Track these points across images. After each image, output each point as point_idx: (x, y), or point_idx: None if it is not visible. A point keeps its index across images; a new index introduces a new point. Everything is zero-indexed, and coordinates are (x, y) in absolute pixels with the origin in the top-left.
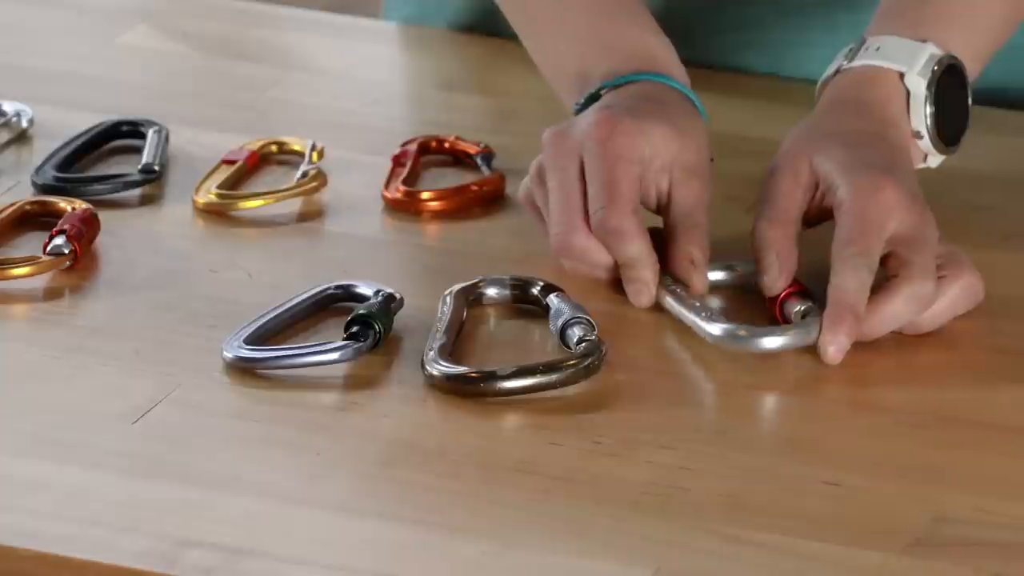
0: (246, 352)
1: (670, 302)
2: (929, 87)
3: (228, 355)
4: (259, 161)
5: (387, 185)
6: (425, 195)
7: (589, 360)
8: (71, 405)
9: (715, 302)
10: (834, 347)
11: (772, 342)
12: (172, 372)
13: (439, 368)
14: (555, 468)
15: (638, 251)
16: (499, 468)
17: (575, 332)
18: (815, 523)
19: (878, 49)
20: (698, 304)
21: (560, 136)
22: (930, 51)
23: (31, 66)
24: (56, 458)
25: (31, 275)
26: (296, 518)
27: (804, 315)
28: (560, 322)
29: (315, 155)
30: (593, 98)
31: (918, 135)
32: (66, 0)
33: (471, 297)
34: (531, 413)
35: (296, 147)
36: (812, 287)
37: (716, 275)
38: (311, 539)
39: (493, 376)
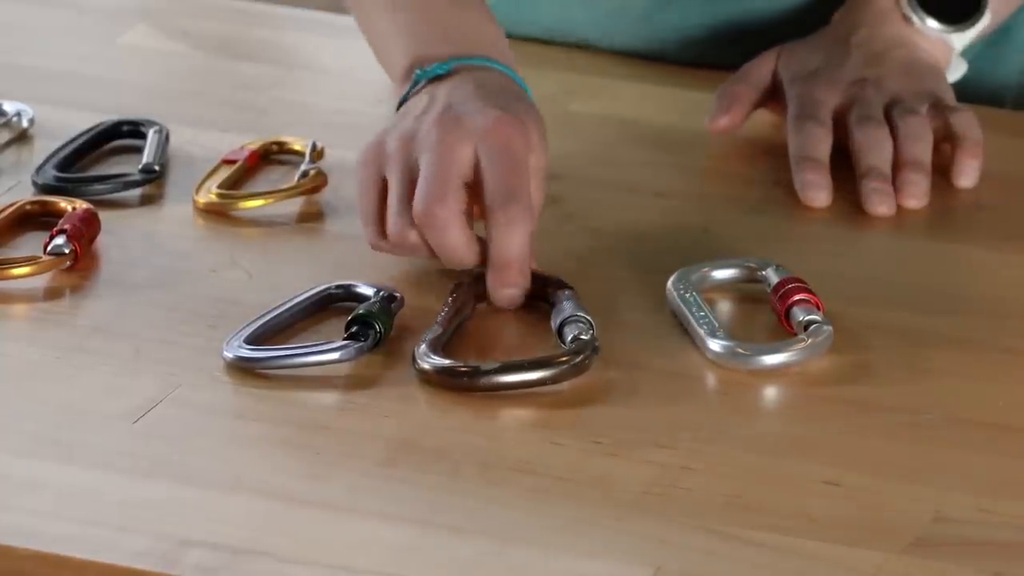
0: (246, 352)
1: (677, 307)
2: None
3: (228, 355)
4: (259, 161)
5: None
6: None
7: (579, 358)
8: (71, 405)
9: (722, 305)
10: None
11: (772, 359)
12: (172, 372)
13: (428, 361)
14: (555, 468)
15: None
16: (499, 468)
17: (570, 330)
18: (815, 523)
19: None
20: (703, 314)
21: (448, 127)
22: None
23: (31, 66)
24: (56, 458)
25: (31, 275)
26: (296, 518)
27: (808, 326)
28: (559, 320)
29: (315, 155)
30: (426, 78)
31: (907, 19)
32: (66, 0)
33: (481, 289)
34: (531, 413)
35: (296, 147)
36: (815, 287)
37: (722, 273)
38: (311, 539)
39: (478, 372)
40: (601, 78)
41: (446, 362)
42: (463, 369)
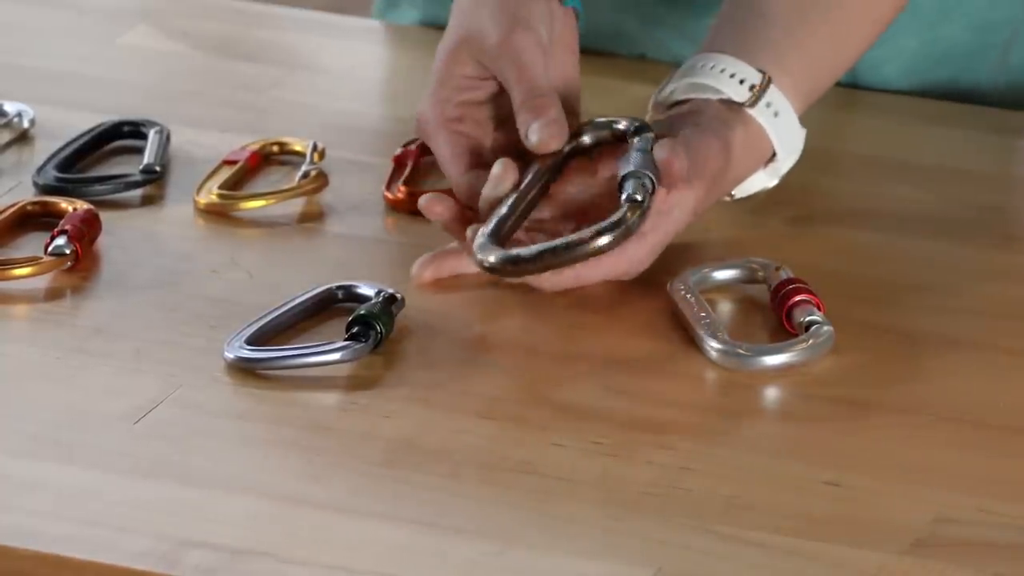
0: (247, 352)
1: (678, 308)
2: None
3: (229, 355)
4: (260, 161)
5: (388, 185)
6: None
7: (610, 236)
8: (72, 405)
9: (723, 306)
10: None
11: (773, 360)
12: (173, 372)
13: (481, 252)
14: (555, 468)
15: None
16: (499, 468)
17: (628, 187)
18: (815, 523)
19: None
20: (704, 314)
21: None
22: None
23: (32, 66)
24: (56, 458)
25: (32, 275)
26: (296, 518)
27: (808, 326)
28: (623, 172)
29: (316, 155)
30: None
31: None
32: (66, 0)
33: (566, 149)
34: (532, 413)
35: (297, 147)
36: (816, 287)
37: (723, 274)
38: (311, 539)
39: (519, 259)
40: (603, 79)
41: (491, 258)
42: (513, 257)
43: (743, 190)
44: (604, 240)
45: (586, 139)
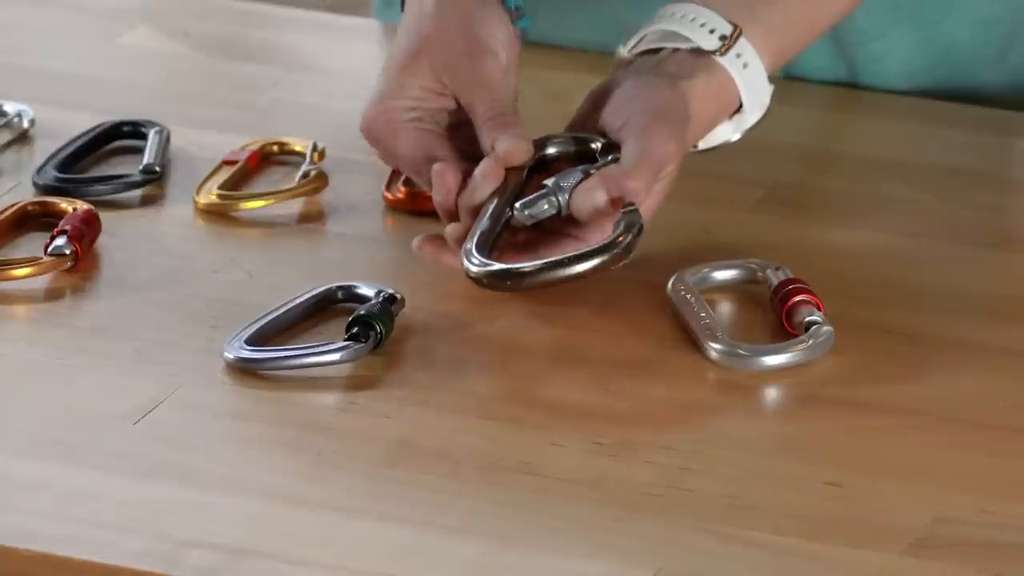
0: (247, 353)
1: (678, 308)
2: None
3: (229, 356)
4: (260, 162)
5: (388, 186)
6: (426, 195)
7: (617, 248)
8: (72, 405)
9: (723, 306)
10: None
11: (773, 360)
12: (173, 372)
13: (474, 265)
14: (555, 468)
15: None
16: (499, 468)
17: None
18: (815, 523)
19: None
20: (703, 315)
21: None
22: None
23: (32, 66)
24: (56, 458)
25: (32, 276)
26: (296, 518)
27: (808, 327)
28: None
29: (316, 156)
30: None
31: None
32: (66, 0)
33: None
34: (532, 414)
35: (297, 148)
36: (816, 287)
37: (723, 274)
38: (311, 539)
39: (521, 274)
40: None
41: (491, 267)
42: (505, 272)
43: (707, 141)
44: (597, 261)
45: (551, 150)
